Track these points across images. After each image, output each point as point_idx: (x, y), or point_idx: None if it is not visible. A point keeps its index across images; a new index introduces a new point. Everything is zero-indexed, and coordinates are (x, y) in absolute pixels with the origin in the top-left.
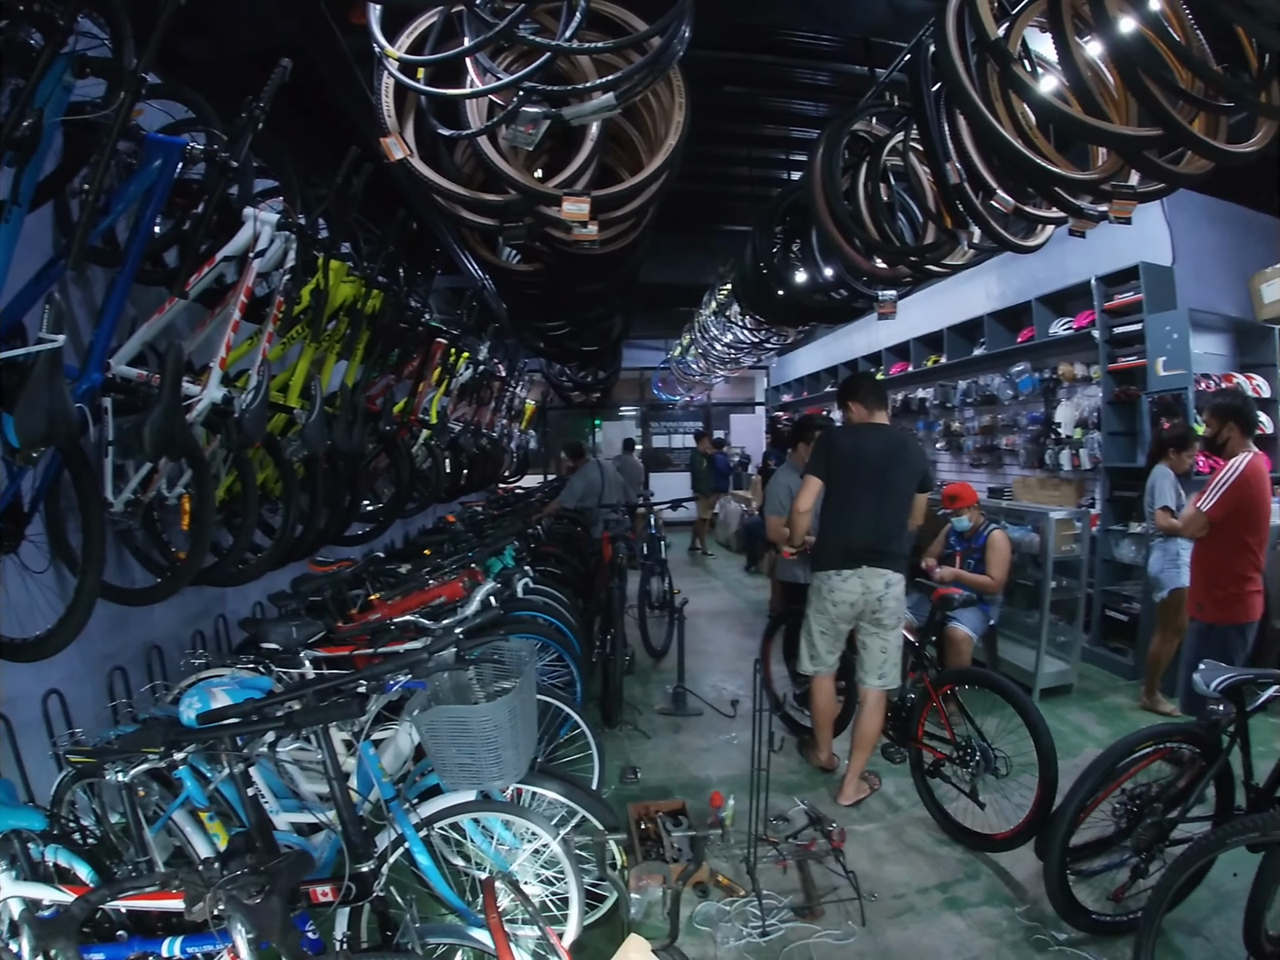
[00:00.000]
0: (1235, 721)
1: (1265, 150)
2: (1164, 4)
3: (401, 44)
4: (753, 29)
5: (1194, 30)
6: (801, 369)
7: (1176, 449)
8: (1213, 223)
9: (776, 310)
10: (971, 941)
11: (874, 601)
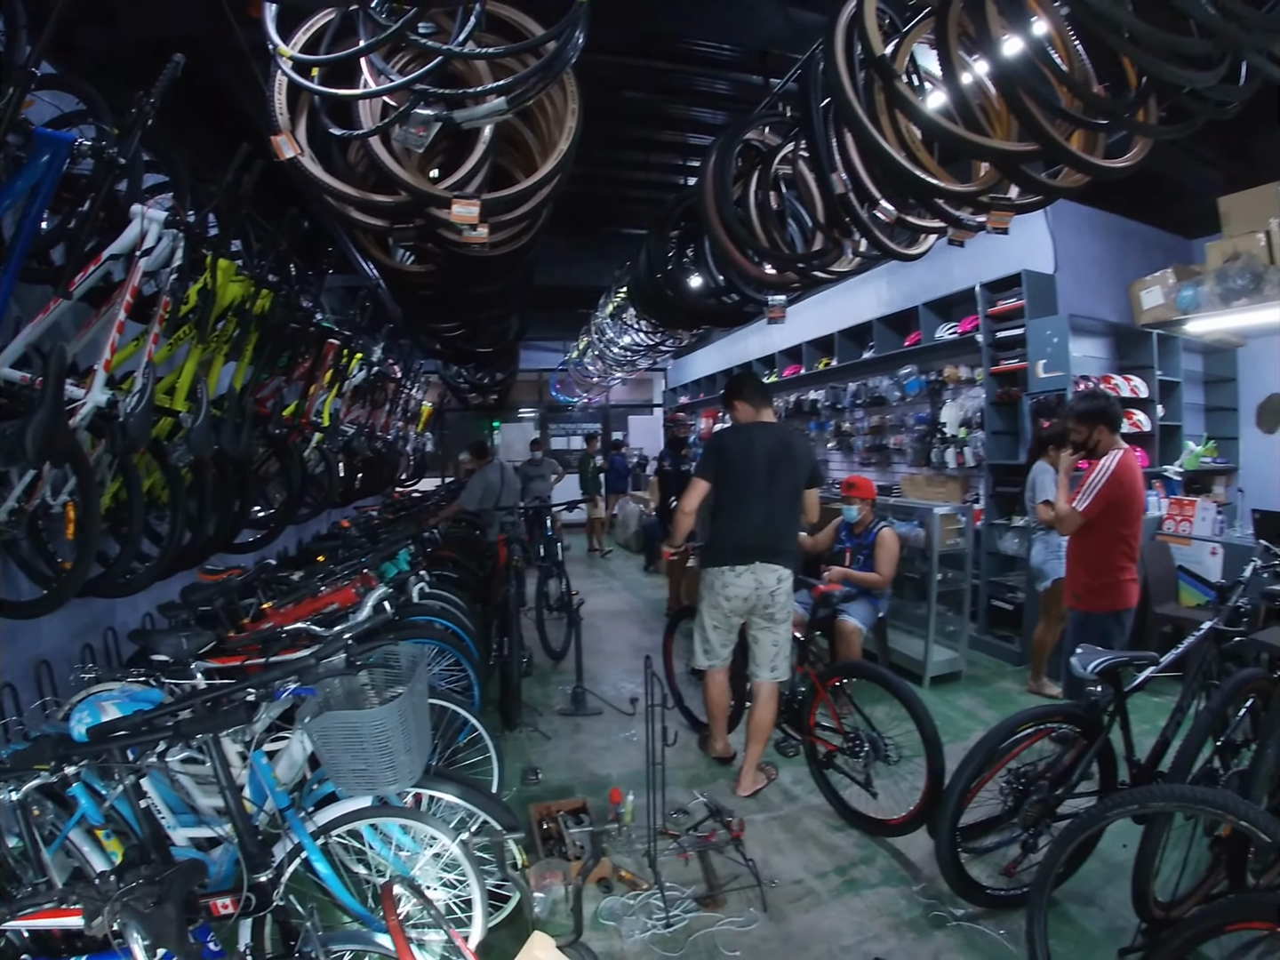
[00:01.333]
0: (1114, 701)
1: (1141, 165)
2: (1050, 25)
3: (297, 41)
4: (653, 36)
5: (1077, 51)
6: (698, 371)
7: (1056, 446)
8: (1094, 232)
9: (670, 314)
10: (871, 921)
11: (766, 596)
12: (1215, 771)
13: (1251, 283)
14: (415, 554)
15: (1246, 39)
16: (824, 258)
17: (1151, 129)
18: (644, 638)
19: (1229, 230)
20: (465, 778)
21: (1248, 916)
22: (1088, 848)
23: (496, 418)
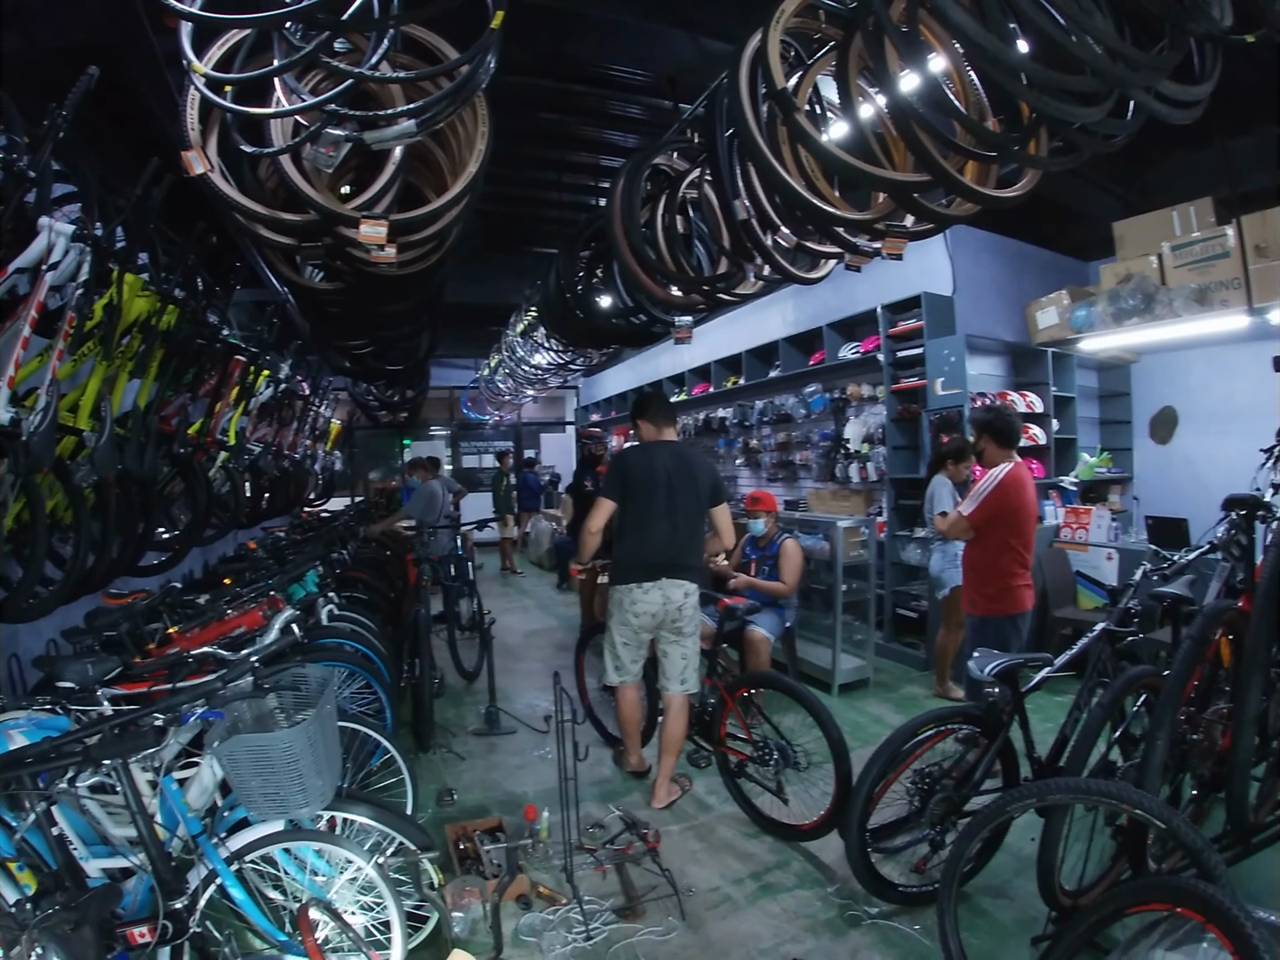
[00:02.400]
0: (1012, 701)
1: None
2: (947, 61)
3: (212, 56)
4: (568, 60)
5: (973, 85)
6: (610, 389)
7: (954, 460)
8: (992, 256)
9: (579, 333)
10: (788, 924)
11: (674, 611)
12: (1113, 764)
13: (1143, 303)
14: (324, 575)
15: (1132, 78)
16: (728, 281)
17: (1039, 161)
18: (557, 655)
19: (1123, 253)
20: (378, 799)
21: (1147, 899)
22: (995, 842)
23: (407, 435)
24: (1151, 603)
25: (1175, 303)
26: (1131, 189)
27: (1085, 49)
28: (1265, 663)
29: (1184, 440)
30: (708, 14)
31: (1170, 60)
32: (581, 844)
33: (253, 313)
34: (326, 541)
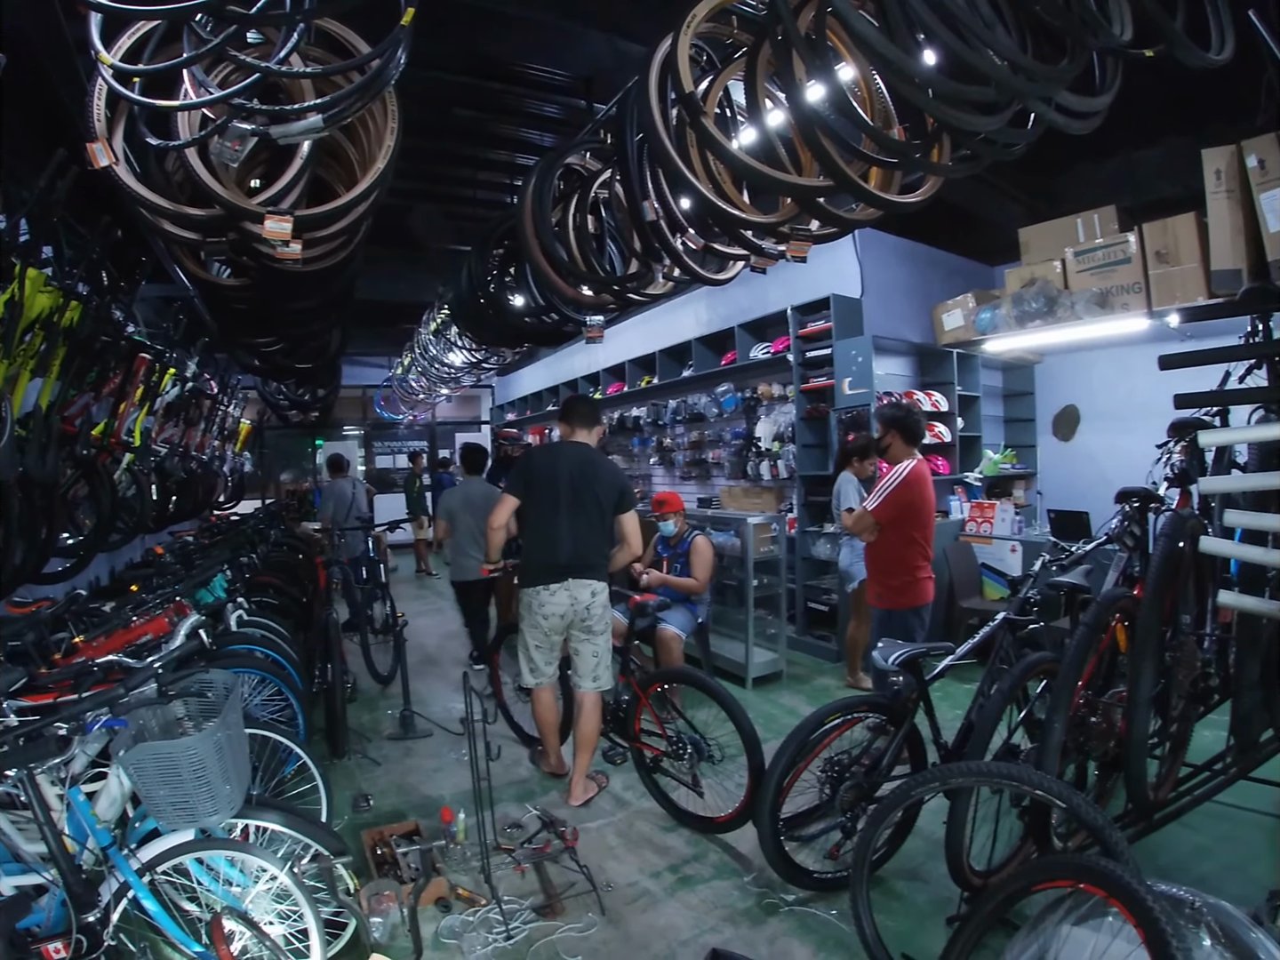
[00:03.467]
0: (916, 689)
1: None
2: (855, 69)
3: (122, 45)
4: (484, 57)
5: (880, 93)
6: (525, 388)
7: (860, 458)
8: (901, 260)
9: (491, 332)
10: (707, 914)
11: (583, 610)
12: (1017, 748)
13: (1045, 306)
14: (232, 580)
15: (1031, 89)
16: (637, 281)
17: (940, 168)
18: None
19: (1028, 258)
20: (291, 806)
21: (1050, 876)
22: (907, 827)
23: (319, 435)
24: (1050, 592)
25: (1077, 306)
26: (1039, 197)
27: (985, 61)
28: (1155, 647)
29: (1086, 437)
30: (624, 16)
31: (1069, 73)
32: (499, 844)
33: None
34: (234, 545)
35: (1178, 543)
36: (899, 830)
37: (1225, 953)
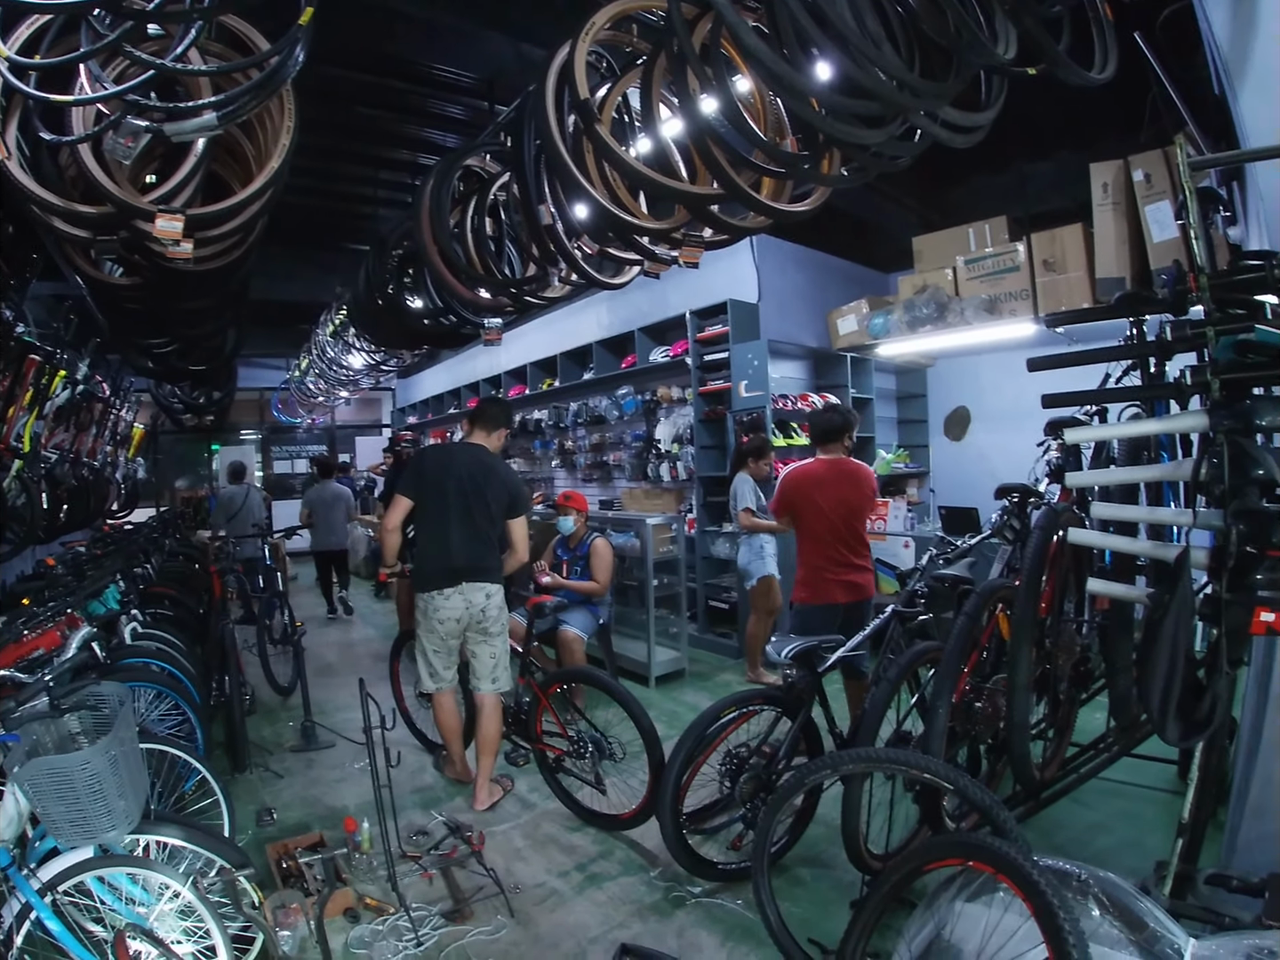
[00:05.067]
0: (811, 681)
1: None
2: (750, 82)
3: (20, 35)
4: (387, 56)
5: (772, 105)
6: (427, 390)
7: (755, 458)
8: (797, 266)
9: (389, 333)
10: (615, 911)
11: (478, 614)
12: (909, 734)
13: (936, 311)
14: (126, 591)
15: (915, 104)
16: (534, 284)
17: (828, 179)
18: (375, 665)
19: (921, 266)
20: (192, 821)
21: (941, 856)
22: (807, 815)
23: (215, 440)
24: (936, 585)
25: (967, 312)
26: (933, 207)
27: (871, 77)
28: (1031, 634)
29: (976, 437)
30: (528, 19)
31: (952, 89)
32: (405, 852)
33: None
34: (128, 555)
35: (1051, 535)
36: (800, 819)
37: (1114, 922)
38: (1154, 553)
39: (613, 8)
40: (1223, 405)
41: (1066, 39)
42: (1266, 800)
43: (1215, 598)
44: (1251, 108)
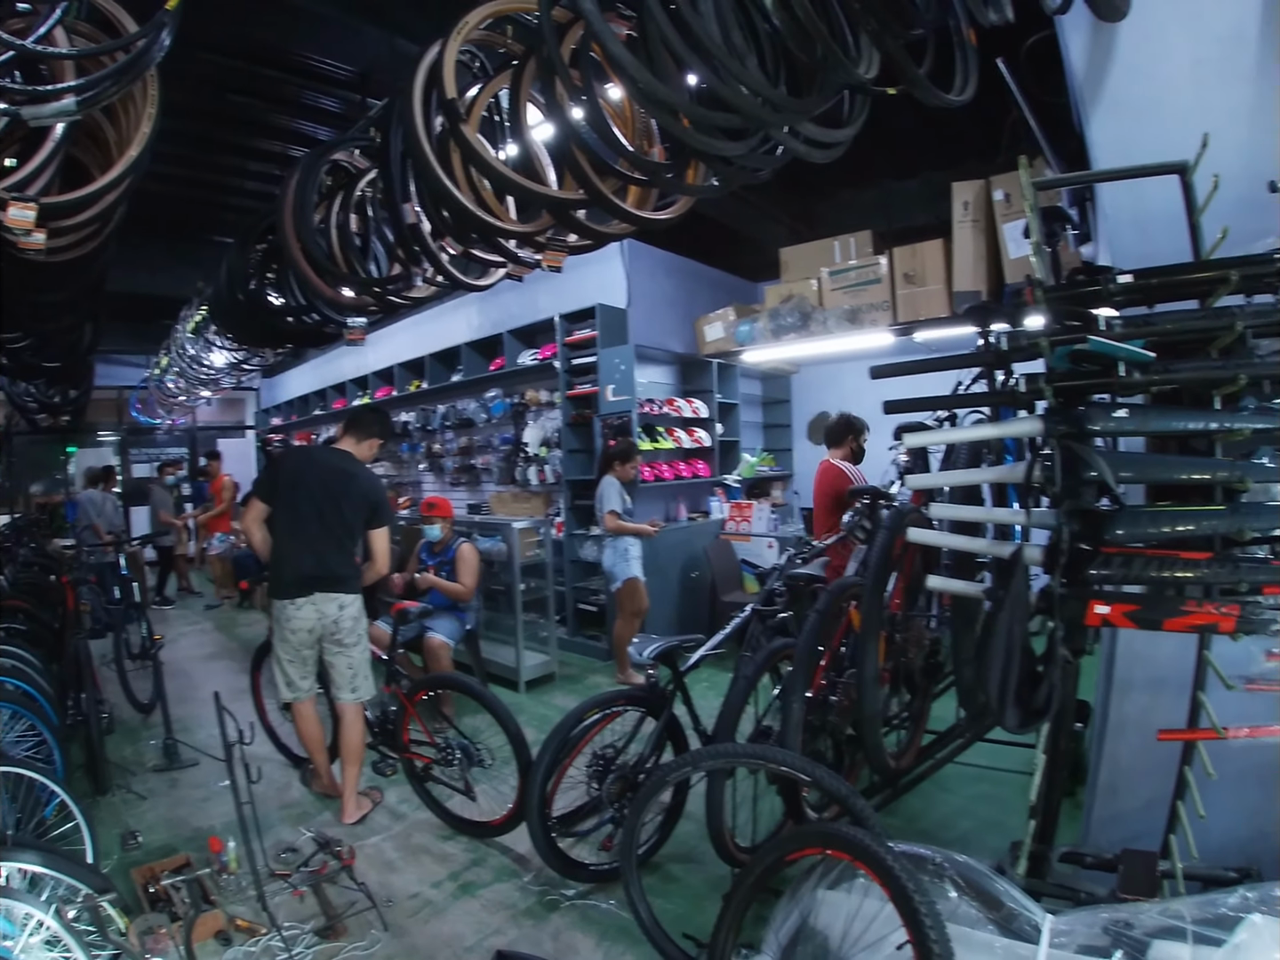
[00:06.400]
0: (673, 680)
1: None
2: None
3: None
4: (261, 44)
5: (640, 114)
6: (292, 391)
7: (621, 461)
8: (667, 273)
9: (250, 331)
10: (490, 918)
11: (330, 624)
12: (769, 728)
13: (800, 320)
14: None
15: (775, 119)
16: (397, 284)
17: (690, 188)
18: (240, 678)
19: (787, 276)
20: (52, 847)
21: (800, 846)
22: (676, 812)
23: (71, 442)
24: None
25: (829, 321)
26: (802, 220)
27: (732, 91)
28: (878, 629)
29: None
30: (404, 15)
31: (813, 105)
32: (273, 870)
33: None
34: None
35: (896, 534)
36: (669, 816)
37: (972, 902)
38: (991, 550)
39: (487, 8)
40: (1057, 411)
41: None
42: (1115, 780)
43: (1050, 592)
44: (1101, 132)
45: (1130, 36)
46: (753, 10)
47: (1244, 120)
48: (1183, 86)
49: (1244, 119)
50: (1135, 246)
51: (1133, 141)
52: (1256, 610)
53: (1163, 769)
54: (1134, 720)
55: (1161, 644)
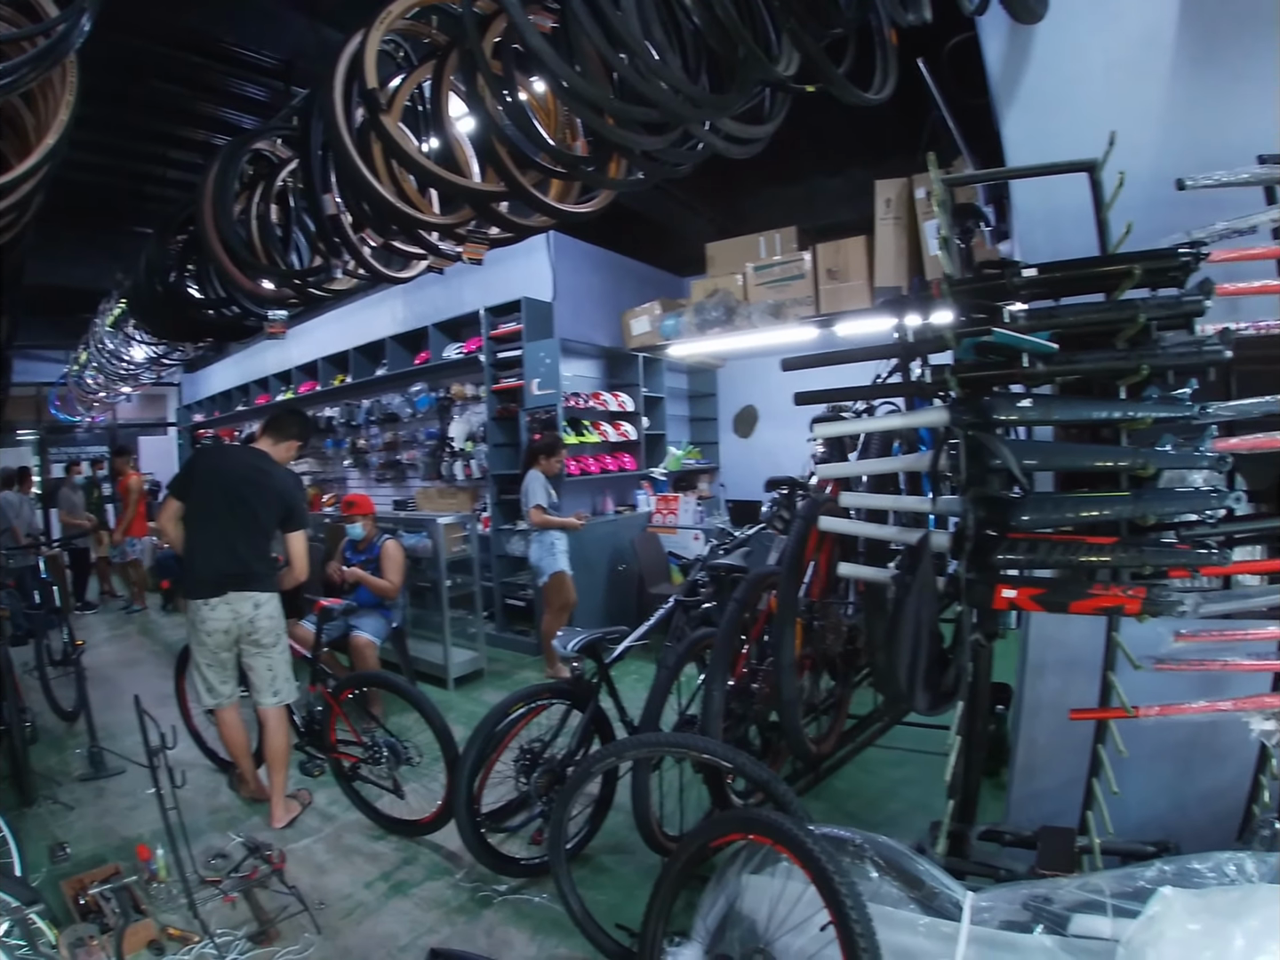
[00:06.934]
0: (599, 672)
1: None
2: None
3: None
4: (185, 29)
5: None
6: (215, 386)
7: (546, 455)
8: (593, 267)
9: (169, 324)
10: (423, 916)
11: (246, 624)
12: (694, 717)
13: (725, 315)
14: None
15: (693, 114)
16: (317, 276)
17: (610, 182)
18: (164, 683)
19: (713, 271)
20: None
21: (723, 832)
22: (606, 804)
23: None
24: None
25: (754, 315)
26: (728, 215)
27: (651, 85)
28: (793, 616)
29: (763, 434)
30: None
31: (732, 102)
32: (203, 877)
33: None
34: None
35: (811, 523)
36: (599, 808)
37: (893, 882)
38: (899, 538)
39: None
40: (963, 402)
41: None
42: (1033, 760)
43: (958, 577)
44: (1016, 131)
45: (1047, 38)
46: (675, 7)
47: (1156, 121)
48: (1096, 87)
49: (1156, 120)
50: (1046, 243)
51: (1046, 140)
52: (1164, 593)
53: (1078, 748)
54: (1048, 701)
55: (1073, 627)
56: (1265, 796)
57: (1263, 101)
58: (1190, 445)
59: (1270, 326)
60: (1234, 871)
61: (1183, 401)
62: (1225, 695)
